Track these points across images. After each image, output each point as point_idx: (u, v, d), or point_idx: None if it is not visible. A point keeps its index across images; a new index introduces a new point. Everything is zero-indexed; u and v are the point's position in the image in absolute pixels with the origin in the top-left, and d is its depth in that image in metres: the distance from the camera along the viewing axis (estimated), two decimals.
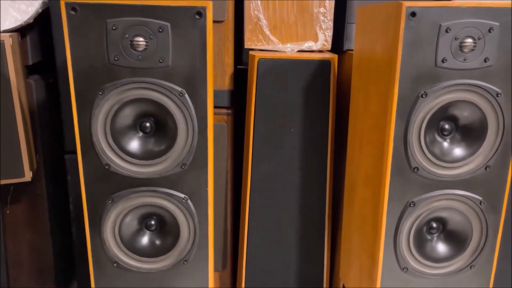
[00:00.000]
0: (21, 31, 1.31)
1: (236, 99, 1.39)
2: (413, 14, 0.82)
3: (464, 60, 0.85)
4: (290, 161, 1.24)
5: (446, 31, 0.83)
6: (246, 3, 1.27)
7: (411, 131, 0.88)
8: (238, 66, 1.42)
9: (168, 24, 0.84)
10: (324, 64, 1.20)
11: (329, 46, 1.31)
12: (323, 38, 1.30)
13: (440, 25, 0.83)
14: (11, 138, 1.26)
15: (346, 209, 1.18)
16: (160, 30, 0.84)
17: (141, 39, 0.84)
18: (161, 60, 0.86)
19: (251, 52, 1.27)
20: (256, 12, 1.27)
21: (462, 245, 0.97)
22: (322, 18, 1.28)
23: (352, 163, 1.12)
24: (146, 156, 0.92)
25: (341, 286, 1.33)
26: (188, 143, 0.91)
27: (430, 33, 0.84)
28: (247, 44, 1.30)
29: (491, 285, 1.00)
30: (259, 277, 1.32)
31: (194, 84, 0.88)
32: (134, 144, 0.92)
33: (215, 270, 1.41)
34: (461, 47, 0.84)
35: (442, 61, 0.85)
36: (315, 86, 1.21)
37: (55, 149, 1.56)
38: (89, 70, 0.86)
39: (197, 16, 0.84)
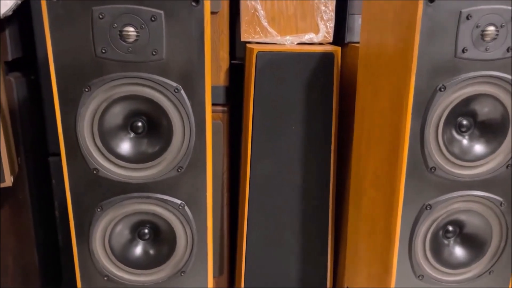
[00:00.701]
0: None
1: (231, 97, 1.30)
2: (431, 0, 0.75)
3: (486, 49, 0.78)
4: (291, 160, 1.17)
5: (467, 18, 0.76)
6: None
7: (428, 128, 0.81)
8: (232, 62, 1.34)
9: (162, 12, 0.75)
10: (327, 57, 1.12)
11: (330, 38, 1.23)
12: (325, 30, 1.22)
13: (461, 12, 0.76)
14: None
15: (352, 210, 1.11)
16: (153, 19, 0.75)
17: (131, 29, 0.75)
18: (154, 53, 0.77)
19: (248, 45, 1.19)
20: (253, 3, 1.19)
21: (480, 249, 0.91)
22: (323, 8, 1.21)
23: (358, 162, 1.05)
24: (138, 159, 0.83)
25: None
26: (185, 144, 0.83)
27: (449, 20, 0.76)
28: (244, 37, 1.22)
29: None
30: (259, 282, 1.24)
31: (190, 79, 0.80)
32: (125, 146, 0.83)
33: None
34: (482, 35, 0.77)
35: (463, 51, 0.78)
36: (317, 81, 1.13)
37: (38, 151, 1.47)
38: (73, 65, 0.77)
39: (193, 4, 0.75)
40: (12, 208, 1.38)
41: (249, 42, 1.23)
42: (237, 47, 1.43)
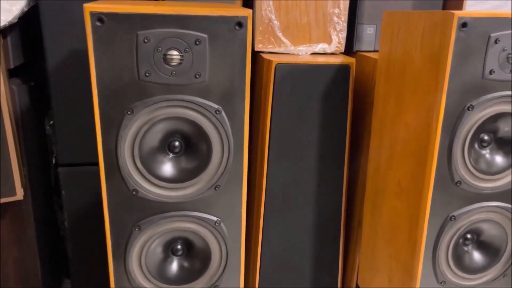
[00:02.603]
0: (3, 32, 1.17)
1: None
2: (464, 24, 0.79)
3: (511, 71, 0.83)
4: (306, 168, 1.19)
5: (495, 42, 0.81)
6: (257, 3, 1.19)
7: (455, 145, 0.85)
8: None
9: (206, 36, 0.76)
10: (343, 69, 1.15)
11: (342, 48, 1.26)
12: (337, 40, 1.25)
13: (490, 36, 0.80)
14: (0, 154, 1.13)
15: (370, 218, 1.15)
16: (197, 42, 0.75)
17: (175, 52, 0.75)
18: (197, 76, 0.77)
19: (264, 56, 1.20)
20: (267, 13, 1.20)
21: (496, 254, 0.97)
22: (336, 19, 1.23)
23: (377, 173, 1.09)
24: (177, 178, 0.84)
25: None
26: (223, 163, 0.84)
27: (479, 44, 0.81)
28: (258, 47, 1.23)
29: None
30: (273, 283, 1.27)
31: (231, 100, 0.80)
32: (164, 167, 0.83)
33: None
34: (508, 58, 0.82)
35: (490, 73, 0.82)
36: (333, 91, 1.16)
37: (41, 161, 1.43)
38: (116, 87, 0.76)
39: (237, 27, 0.76)
40: (15, 218, 1.35)
41: (263, 52, 1.24)
42: None
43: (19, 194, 1.19)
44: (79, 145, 1.25)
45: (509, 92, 0.84)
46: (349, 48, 1.31)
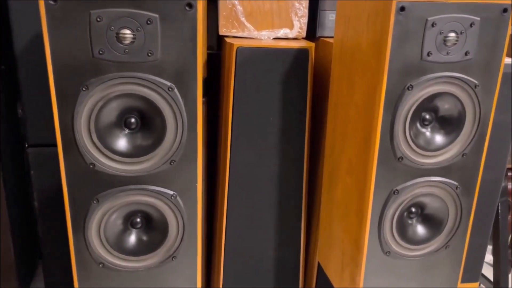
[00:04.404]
0: None
1: (208, 87, 1.36)
2: (402, 8, 0.84)
3: (447, 53, 0.89)
4: (268, 150, 1.24)
5: (432, 26, 0.86)
6: None
7: (397, 122, 0.91)
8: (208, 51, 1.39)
9: (157, 16, 0.80)
10: (302, 53, 1.20)
11: (304, 33, 1.31)
12: (298, 26, 1.29)
13: (427, 20, 0.86)
14: None
15: (326, 195, 1.21)
16: (149, 22, 0.79)
17: (128, 31, 0.79)
18: (149, 54, 0.81)
19: (227, 40, 1.24)
20: None
21: (438, 227, 1.03)
22: (297, 5, 1.27)
23: (332, 152, 1.15)
24: (133, 153, 0.88)
25: (316, 265, 1.38)
26: (177, 139, 0.88)
27: (417, 27, 0.86)
28: (222, 31, 1.27)
29: (463, 261, 1.08)
30: (237, 265, 1.33)
31: (183, 78, 0.85)
32: (120, 142, 0.87)
33: None
34: (445, 41, 0.88)
35: (428, 55, 0.88)
36: (293, 74, 1.21)
37: (12, 142, 1.46)
38: (71, 65, 0.80)
39: (187, 8, 0.80)
40: None
41: (227, 36, 1.28)
42: (208, 37, 1.48)
43: None
44: (48, 126, 1.28)
45: (447, 73, 0.90)
46: (313, 34, 1.36)
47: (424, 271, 1.06)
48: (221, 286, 1.33)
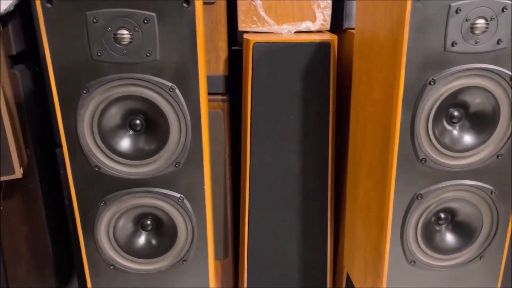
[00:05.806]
0: (2, 20, 1.23)
1: (231, 84, 1.32)
2: None
3: (476, 42, 0.79)
4: (290, 148, 1.19)
5: (456, 12, 0.77)
6: None
7: (418, 120, 0.82)
8: (233, 47, 1.35)
9: (154, 15, 0.77)
10: (323, 46, 1.13)
11: (328, 26, 1.23)
12: (322, 18, 1.22)
13: (450, 6, 0.76)
14: None
15: (349, 199, 1.14)
16: (146, 21, 0.77)
17: (125, 31, 0.77)
18: (148, 54, 0.79)
19: (245, 36, 1.20)
20: None
21: (471, 235, 0.93)
22: None
23: (354, 152, 1.07)
24: (137, 155, 0.87)
25: (345, 274, 1.31)
26: (181, 141, 0.86)
27: (438, 14, 0.77)
28: (241, 27, 1.23)
29: (501, 274, 0.97)
30: (262, 265, 1.29)
31: (185, 77, 0.82)
32: (124, 144, 0.86)
33: (217, 259, 1.38)
34: (472, 28, 0.78)
35: (452, 45, 0.78)
36: (314, 70, 1.14)
37: (46, 141, 1.51)
38: (71, 67, 0.79)
39: (185, 5, 0.77)
40: (24, 196, 1.43)
41: (247, 32, 1.24)
42: (238, 34, 1.44)
43: (18, 173, 1.26)
44: None
45: (475, 65, 0.80)
46: (339, 26, 1.28)
47: (455, 283, 0.96)
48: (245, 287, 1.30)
